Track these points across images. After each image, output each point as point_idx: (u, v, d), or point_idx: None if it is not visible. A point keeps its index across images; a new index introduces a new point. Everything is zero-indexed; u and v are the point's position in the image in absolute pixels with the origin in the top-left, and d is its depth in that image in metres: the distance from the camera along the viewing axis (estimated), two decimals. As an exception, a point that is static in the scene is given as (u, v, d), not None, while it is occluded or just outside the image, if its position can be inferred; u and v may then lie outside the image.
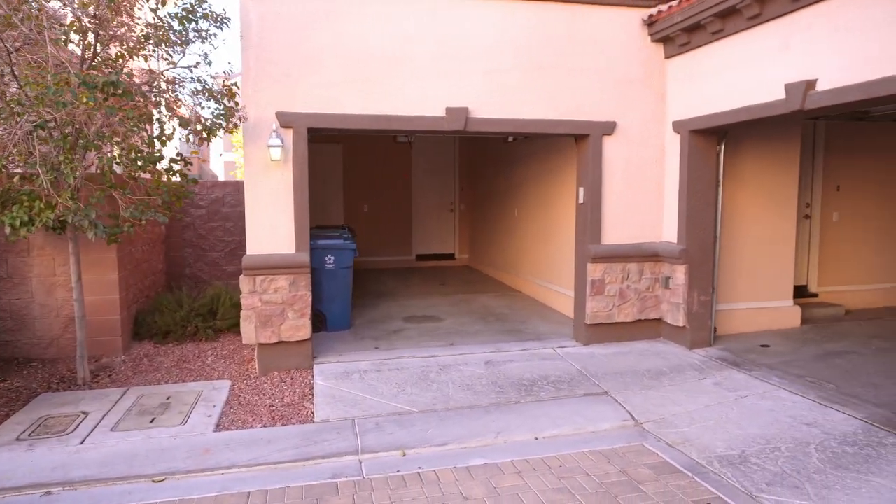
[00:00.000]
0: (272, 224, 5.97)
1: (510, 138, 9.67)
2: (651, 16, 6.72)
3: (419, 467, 4.11)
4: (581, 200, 7.02)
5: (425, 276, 11.83)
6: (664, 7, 6.58)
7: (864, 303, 8.61)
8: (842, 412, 4.87)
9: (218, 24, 5.68)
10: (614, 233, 6.93)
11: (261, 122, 5.87)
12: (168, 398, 5.42)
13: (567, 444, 4.48)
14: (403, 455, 4.32)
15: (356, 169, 12.71)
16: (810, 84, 5.03)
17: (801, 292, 8.21)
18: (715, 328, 6.89)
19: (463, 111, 6.34)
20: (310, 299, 6.09)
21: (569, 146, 7.77)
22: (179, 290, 8.11)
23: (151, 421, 4.91)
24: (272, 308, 5.99)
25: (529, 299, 9.49)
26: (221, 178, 27.03)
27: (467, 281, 11.34)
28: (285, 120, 5.92)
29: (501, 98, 6.49)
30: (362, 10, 6.08)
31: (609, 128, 6.82)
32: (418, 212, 13.36)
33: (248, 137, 5.88)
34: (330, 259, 7.39)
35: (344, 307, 7.56)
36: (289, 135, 5.95)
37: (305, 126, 6.00)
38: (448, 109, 6.31)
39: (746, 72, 5.79)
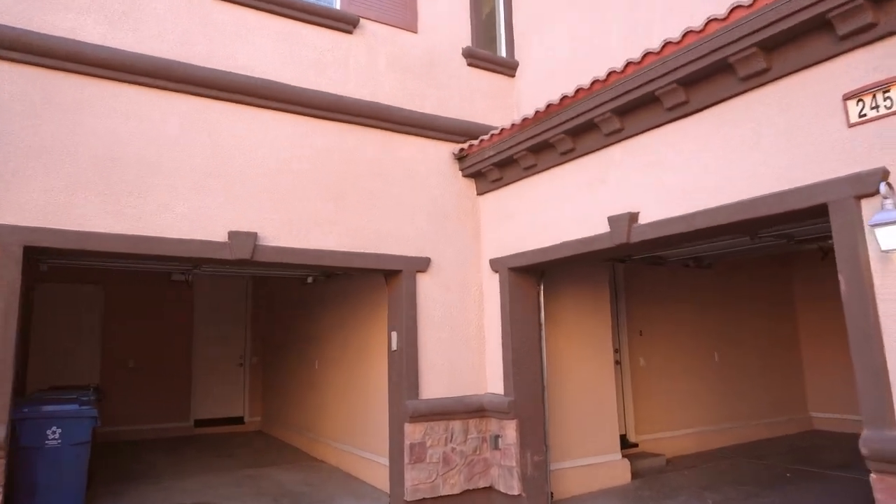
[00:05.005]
0: (-58, 386, 3.99)
1: (309, 279, 8.54)
2: (462, 149, 6.39)
3: None
4: (394, 347, 5.99)
5: (205, 447, 9.56)
6: (475, 141, 6.29)
7: (680, 449, 8.41)
8: None
9: None
10: (434, 385, 5.93)
11: (-55, 236, 4.10)
12: None
13: None
14: None
15: (121, 316, 10.45)
16: (633, 217, 4.77)
17: (623, 443, 7.76)
18: (552, 493, 5.97)
19: (250, 237, 5.16)
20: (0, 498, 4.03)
21: (380, 288, 6.84)
22: None
23: None
24: (-77, 522, 3.82)
25: (334, 470, 7.86)
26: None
27: (258, 450, 9.35)
28: (-13, 235, 4.22)
29: (299, 225, 5.46)
30: (110, 102, 4.82)
31: (423, 264, 6.07)
32: (200, 367, 11.20)
33: (-83, 257, 4.03)
34: (54, 433, 5.31)
35: (73, 502, 5.37)
36: (-10, 256, 4.22)
37: (21, 244, 4.33)
38: (231, 234, 5.09)
39: (566, 206, 5.49)
